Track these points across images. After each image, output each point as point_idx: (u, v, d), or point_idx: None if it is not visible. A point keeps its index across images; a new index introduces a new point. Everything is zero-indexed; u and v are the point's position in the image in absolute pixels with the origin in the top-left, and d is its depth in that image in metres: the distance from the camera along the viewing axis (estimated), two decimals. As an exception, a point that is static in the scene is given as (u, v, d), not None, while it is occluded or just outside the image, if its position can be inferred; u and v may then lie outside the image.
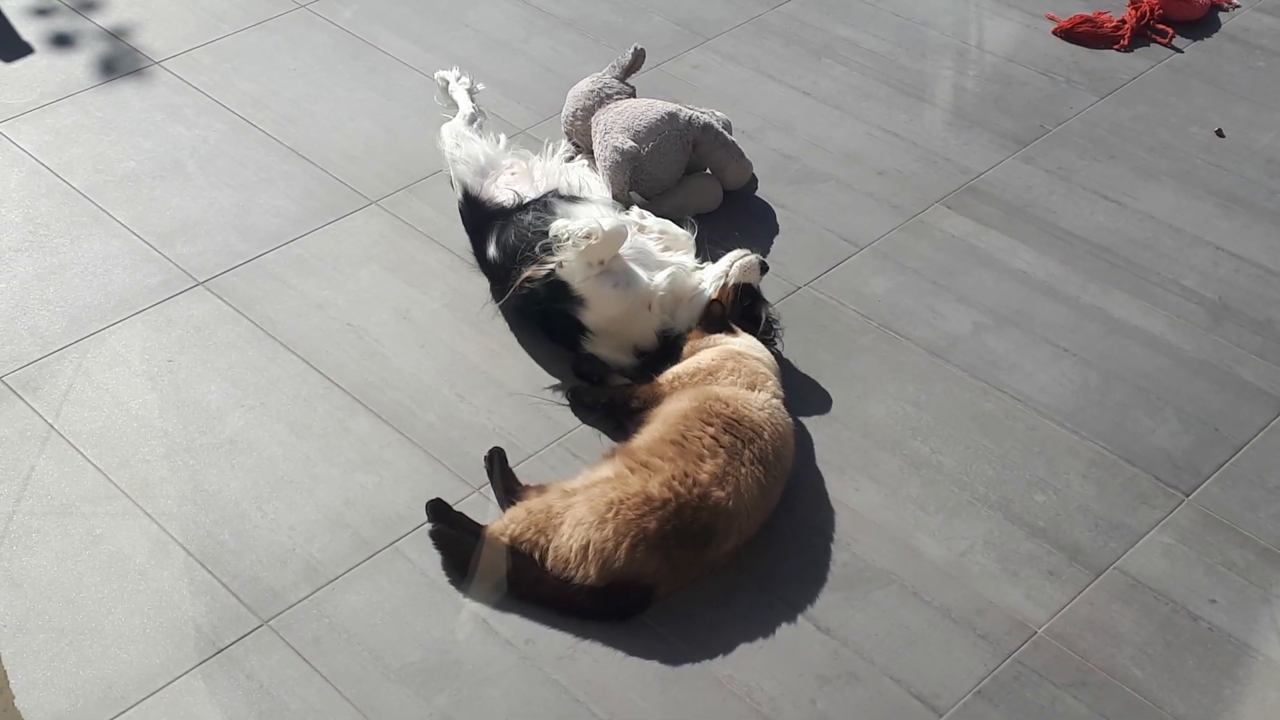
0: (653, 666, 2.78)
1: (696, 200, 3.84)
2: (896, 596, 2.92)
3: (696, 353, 3.22)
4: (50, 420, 3.23)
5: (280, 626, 2.82)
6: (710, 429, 2.94)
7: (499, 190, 3.59)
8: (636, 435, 3.04)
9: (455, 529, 2.94)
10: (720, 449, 2.91)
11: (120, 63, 4.41)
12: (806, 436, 3.23)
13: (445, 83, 4.02)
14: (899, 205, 3.93)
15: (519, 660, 2.78)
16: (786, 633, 2.84)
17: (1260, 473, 3.20)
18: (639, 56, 4.01)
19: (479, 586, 2.88)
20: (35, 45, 4.48)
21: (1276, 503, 3.14)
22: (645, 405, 3.12)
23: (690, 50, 4.53)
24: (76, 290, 3.58)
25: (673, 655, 2.79)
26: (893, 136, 4.19)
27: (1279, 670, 2.81)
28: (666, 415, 3.02)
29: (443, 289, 3.61)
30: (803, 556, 2.99)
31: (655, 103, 3.85)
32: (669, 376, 3.17)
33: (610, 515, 2.79)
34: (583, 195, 3.56)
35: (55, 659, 2.75)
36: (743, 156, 3.92)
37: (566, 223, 3.26)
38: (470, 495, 3.08)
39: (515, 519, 2.87)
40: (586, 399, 3.28)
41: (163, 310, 3.53)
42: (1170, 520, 3.09)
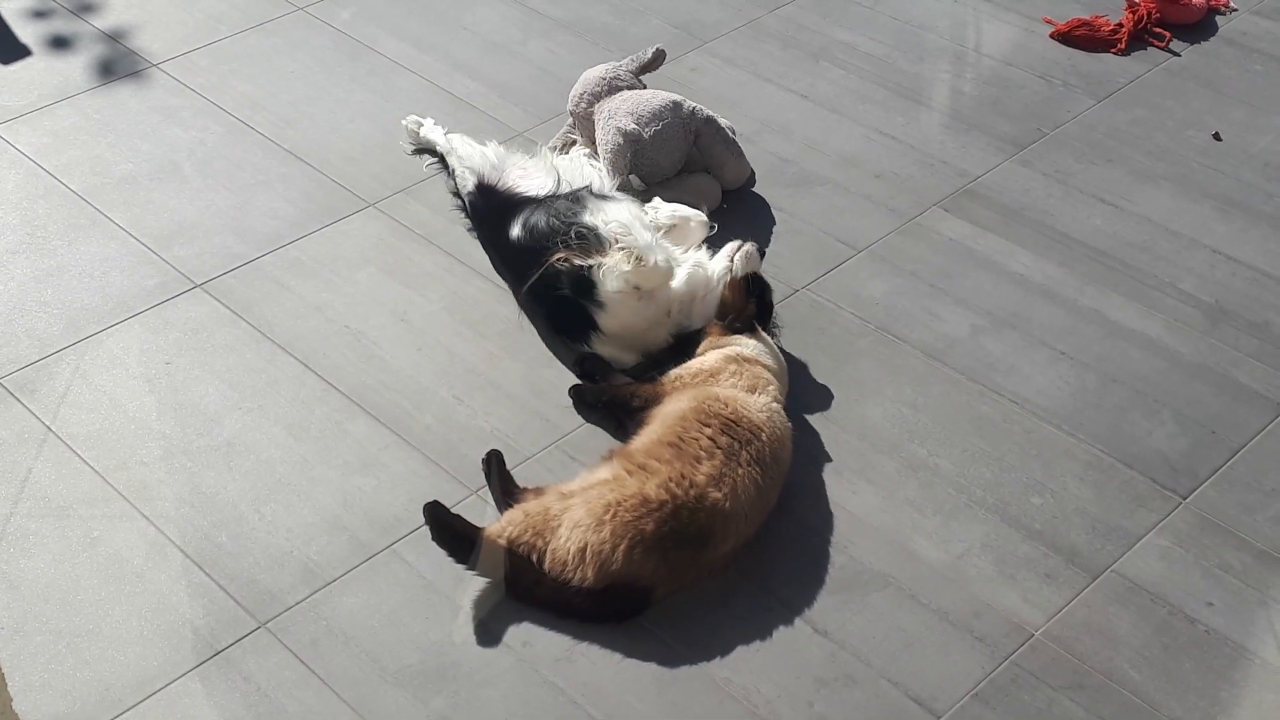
0: (650, 668, 2.78)
1: (693, 197, 3.85)
2: (894, 599, 2.92)
3: (707, 352, 3.21)
4: (48, 422, 3.23)
5: (278, 629, 2.82)
6: (708, 430, 2.94)
7: (520, 179, 3.59)
8: (634, 437, 3.04)
9: (453, 531, 2.94)
10: (718, 450, 2.91)
11: (118, 65, 4.41)
12: (804, 438, 3.23)
13: (418, 124, 4.03)
14: (896, 208, 3.94)
15: (516, 662, 2.78)
16: (784, 635, 2.84)
17: (1257, 475, 3.20)
18: (659, 57, 4.05)
19: (478, 588, 2.88)
20: (33, 47, 4.48)
21: (1273, 505, 3.14)
22: (646, 404, 3.12)
23: (688, 53, 4.53)
24: (74, 292, 3.58)
25: (670, 657, 2.80)
26: (890, 139, 4.20)
27: (1276, 673, 2.81)
28: (665, 416, 3.03)
29: (441, 291, 3.61)
30: (800, 559, 2.99)
31: (660, 92, 3.90)
32: (671, 376, 3.17)
33: (608, 517, 2.79)
34: (613, 196, 3.54)
35: (53, 661, 2.75)
36: (742, 155, 3.94)
37: (627, 230, 3.25)
38: (468, 498, 3.08)
39: (513, 521, 2.87)
40: (589, 397, 3.28)
41: (160, 312, 3.53)
42: (1167, 523, 3.09)
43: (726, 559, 2.91)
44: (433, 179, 3.97)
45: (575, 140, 3.99)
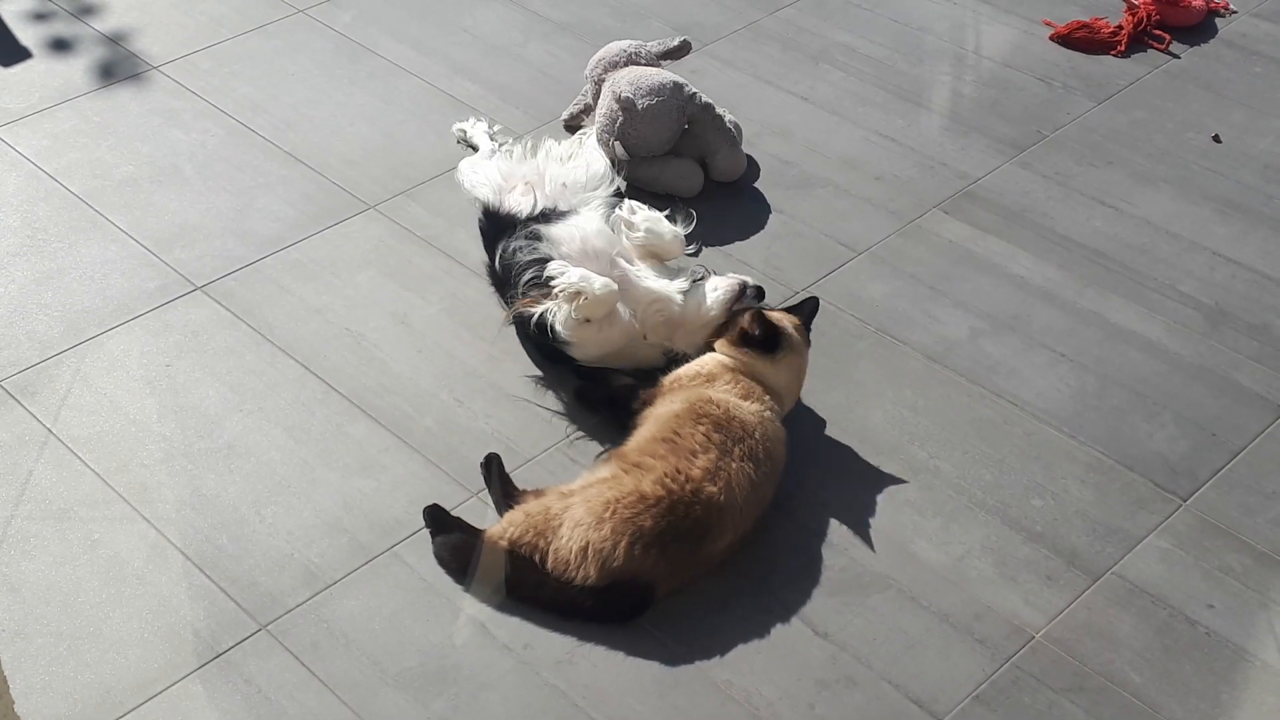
0: (651, 671, 2.78)
1: (674, 179, 3.89)
2: (894, 601, 2.92)
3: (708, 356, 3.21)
4: (48, 425, 3.23)
5: (278, 631, 2.82)
6: (701, 428, 2.95)
7: (514, 200, 3.59)
8: (629, 438, 3.05)
9: (454, 533, 2.94)
10: (711, 446, 2.92)
11: (118, 68, 4.41)
12: (805, 440, 3.23)
13: (463, 132, 4.08)
14: (896, 210, 3.94)
15: (517, 665, 2.78)
16: (785, 637, 2.84)
17: (1257, 478, 3.21)
18: (684, 47, 4.14)
19: (478, 590, 2.88)
20: (34, 50, 4.48)
21: (1274, 508, 3.14)
22: (645, 404, 3.13)
23: (689, 55, 4.53)
24: (74, 295, 3.58)
25: (671, 659, 2.80)
26: (890, 142, 4.20)
27: (1276, 675, 2.81)
28: (658, 417, 3.03)
29: (441, 294, 3.62)
30: (801, 561, 2.99)
31: (667, 72, 3.97)
32: (670, 377, 3.17)
33: (607, 515, 2.79)
34: (571, 210, 3.50)
35: (53, 663, 2.75)
36: (737, 146, 3.96)
37: (562, 271, 3.21)
38: (468, 500, 3.08)
39: (513, 522, 2.87)
40: (591, 396, 3.28)
41: (161, 315, 3.53)
42: (1168, 525, 3.09)
43: (724, 554, 2.91)
44: (433, 181, 3.97)
45: (588, 106, 4.06)
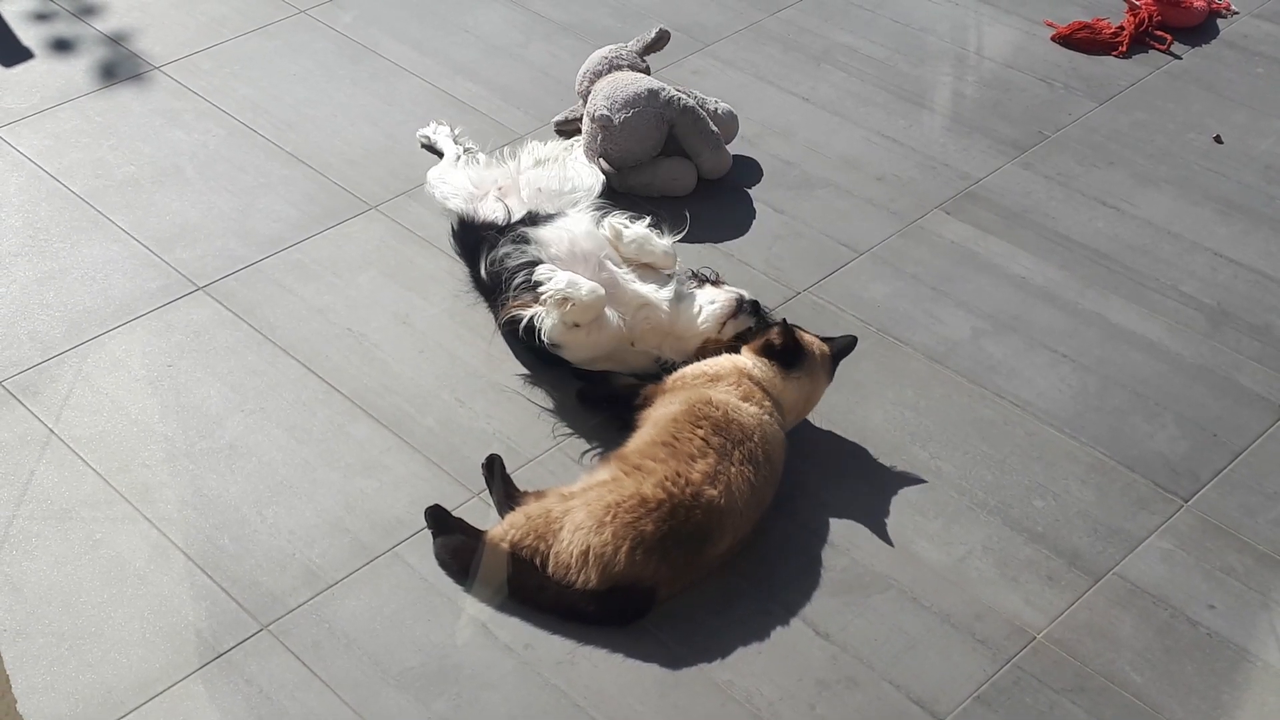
0: (652, 671, 2.78)
1: (666, 181, 3.88)
2: (895, 601, 2.92)
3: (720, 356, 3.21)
4: (50, 425, 3.23)
5: (280, 631, 2.82)
6: (699, 431, 2.95)
7: (488, 208, 3.58)
8: (628, 440, 3.05)
9: (455, 535, 2.94)
10: (710, 450, 2.92)
11: (120, 68, 4.41)
12: (806, 441, 3.23)
13: (426, 138, 4.07)
14: (898, 211, 3.94)
15: (518, 665, 2.78)
16: (786, 638, 2.85)
17: (1259, 478, 3.21)
18: (662, 37, 4.13)
19: (479, 592, 2.88)
20: (35, 50, 4.49)
21: (1275, 508, 3.14)
22: (647, 401, 3.12)
23: (689, 55, 4.54)
24: (76, 295, 3.58)
25: (672, 660, 2.80)
26: (891, 142, 4.20)
27: (1277, 676, 2.81)
28: (656, 419, 3.03)
29: (442, 294, 3.62)
30: (802, 561, 2.99)
31: (643, 78, 3.95)
32: (675, 375, 3.17)
33: (608, 519, 2.79)
34: (558, 212, 3.50)
35: (55, 663, 2.75)
36: (720, 146, 3.94)
37: (548, 277, 3.20)
38: (470, 500, 3.08)
39: (514, 524, 2.87)
40: (593, 395, 3.28)
41: (162, 315, 3.54)
42: (1169, 526, 3.09)
43: (725, 557, 2.91)
44: (434, 182, 3.97)
45: (580, 117, 4.05)
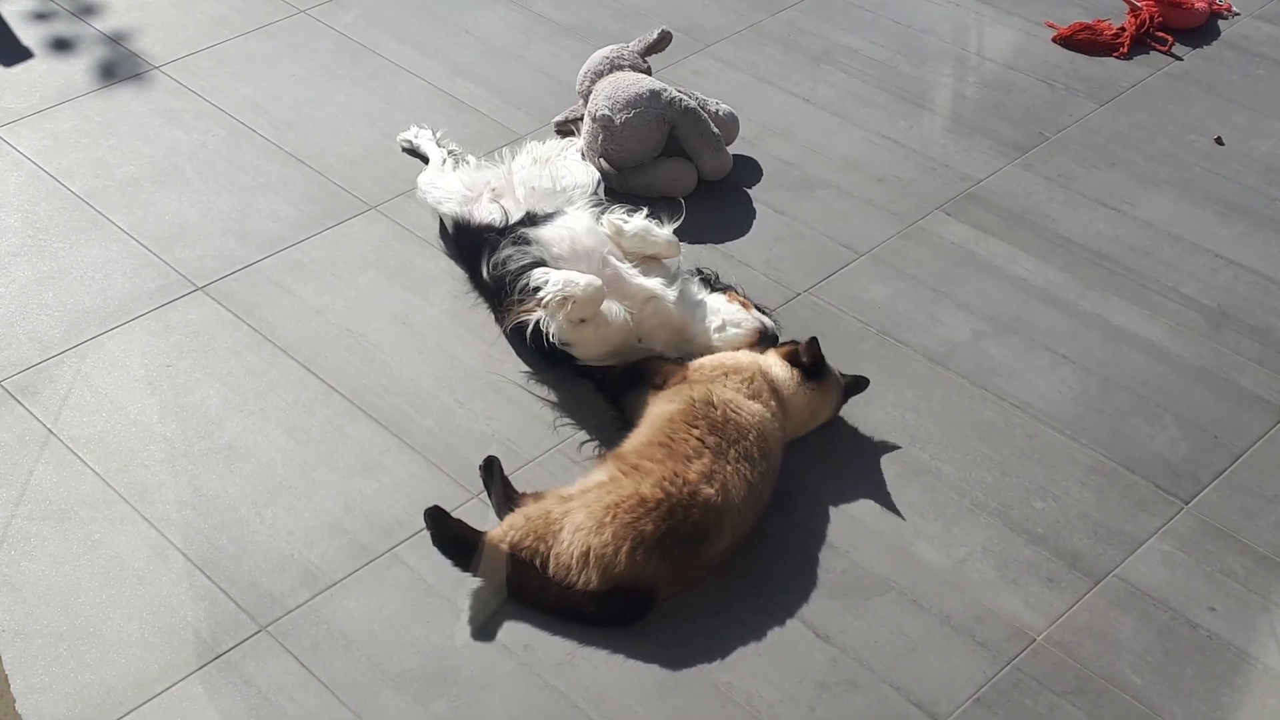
0: (652, 673, 2.78)
1: (666, 182, 3.88)
2: (895, 603, 2.92)
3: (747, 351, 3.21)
4: (49, 425, 3.23)
5: (279, 632, 2.82)
6: (695, 431, 2.95)
7: (484, 210, 3.58)
8: (625, 440, 3.05)
9: (454, 535, 2.94)
10: (705, 449, 2.92)
11: (120, 67, 4.41)
12: (806, 442, 3.23)
13: (408, 143, 4.06)
14: (898, 212, 3.94)
15: (518, 666, 2.77)
16: (785, 639, 2.84)
17: (1259, 480, 3.20)
18: (664, 38, 4.14)
19: (478, 592, 2.88)
20: (35, 50, 4.48)
21: (1275, 510, 3.14)
22: (666, 381, 3.12)
23: (690, 56, 4.53)
24: (75, 295, 3.58)
25: (672, 661, 2.79)
26: (892, 143, 4.20)
27: (1278, 678, 2.81)
28: (654, 418, 3.03)
29: (442, 295, 3.61)
30: (801, 563, 2.99)
31: (644, 78, 3.95)
32: (695, 364, 3.17)
33: (608, 520, 2.79)
34: (557, 211, 3.49)
35: (53, 664, 2.75)
36: (721, 147, 3.94)
37: (544, 281, 3.20)
38: (469, 501, 3.08)
39: (514, 526, 2.87)
40: (610, 377, 3.27)
41: (161, 315, 3.53)
42: (1169, 528, 3.09)
43: (724, 556, 2.91)
44: (434, 182, 3.97)
45: (581, 117, 4.04)
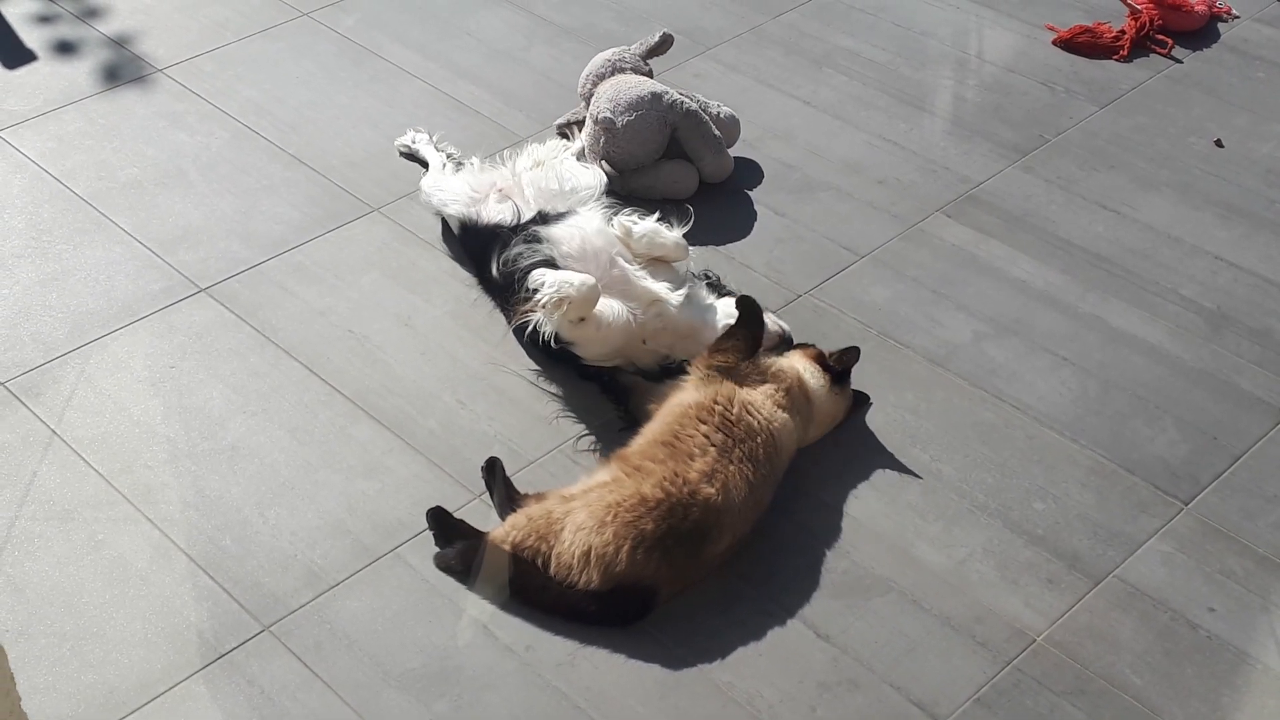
0: (653, 673, 2.78)
1: (668, 184, 3.89)
2: (896, 604, 2.92)
3: (795, 360, 3.22)
4: (53, 426, 3.24)
5: (281, 632, 2.83)
6: (703, 427, 2.96)
7: (493, 210, 3.59)
8: (632, 439, 3.06)
9: (456, 535, 2.95)
10: (711, 447, 2.93)
11: (123, 70, 4.42)
12: (807, 445, 3.23)
13: (406, 148, 4.07)
14: (899, 214, 3.95)
15: (519, 666, 2.78)
16: (786, 640, 2.85)
17: (1259, 481, 3.21)
18: (665, 41, 4.15)
19: (481, 592, 2.89)
20: (39, 52, 4.50)
21: (1275, 511, 3.15)
22: (727, 364, 3.11)
23: (691, 59, 4.54)
24: (79, 296, 3.59)
25: (673, 661, 2.80)
26: (893, 146, 4.21)
27: (1277, 679, 2.82)
28: (670, 408, 3.04)
29: (444, 296, 3.62)
30: (802, 564, 3.00)
31: (646, 81, 3.97)
32: (749, 362, 3.14)
33: (609, 519, 2.80)
34: (569, 210, 3.50)
35: (57, 664, 2.76)
36: (722, 150, 3.96)
37: (540, 282, 3.19)
38: (471, 501, 3.08)
39: (516, 526, 2.88)
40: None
41: (165, 317, 3.54)
42: (1169, 529, 3.10)
43: (724, 557, 2.92)
44: (437, 184, 3.98)
45: (582, 119, 4.05)
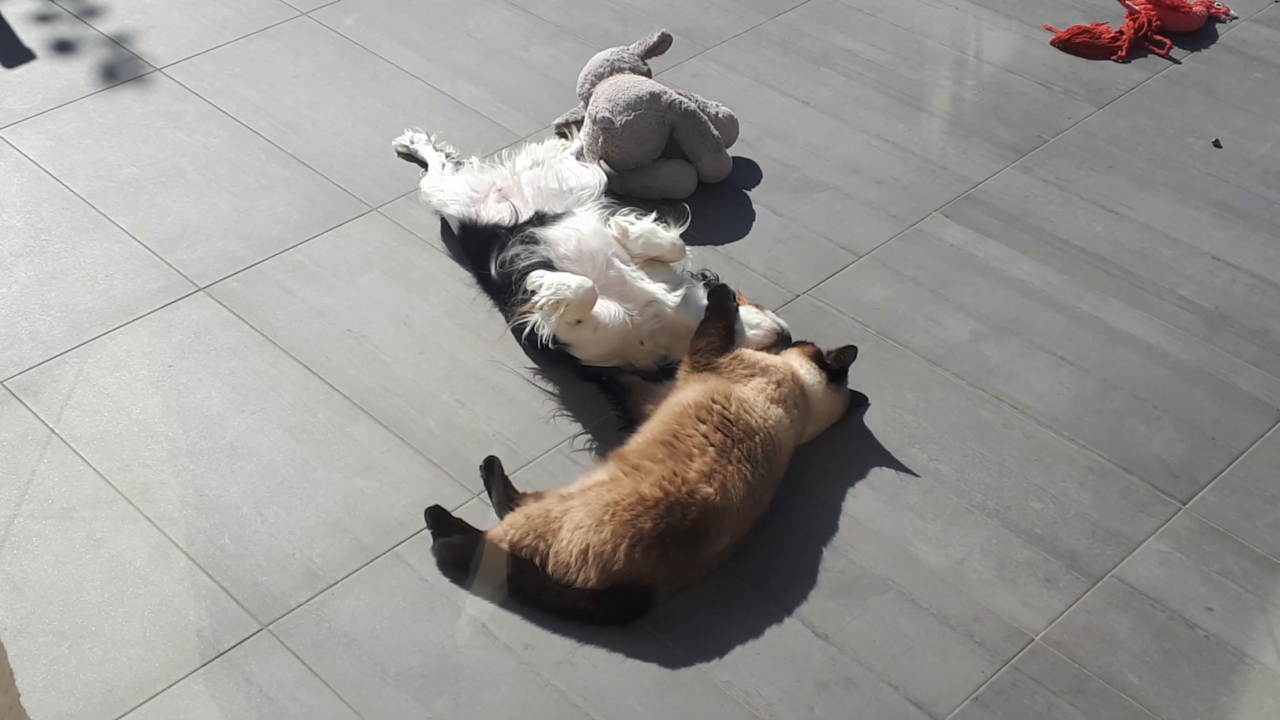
0: (652, 672, 2.79)
1: (666, 184, 3.90)
2: (894, 603, 2.93)
3: (789, 355, 3.23)
4: (51, 425, 3.24)
5: (280, 631, 2.83)
6: (703, 426, 2.96)
7: (492, 209, 3.59)
8: (630, 437, 3.06)
9: (454, 534, 2.95)
10: (710, 447, 2.93)
11: (122, 69, 4.42)
12: (805, 442, 3.24)
13: (404, 148, 4.08)
14: (897, 214, 3.95)
15: (518, 665, 2.78)
16: (785, 639, 2.85)
17: (1257, 481, 3.21)
18: (664, 41, 4.15)
19: (479, 592, 2.89)
20: (37, 51, 4.50)
21: (1273, 511, 3.15)
22: (708, 361, 3.13)
23: (690, 59, 4.55)
24: (78, 295, 3.59)
25: (671, 660, 2.80)
26: (891, 146, 4.21)
27: (1275, 678, 2.82)
28: (669, 407, 3.04)
29: (443, 295, 3.63)
30: (800, 563, 3.00)
31: (644, 81, 3.98)
32: (734, 354, 3.16)
33: (607, 518, 2.80)
34: (566, 211, 3.50)
35: (56, 662, 2.76)
36: (720, 150, 3.96)
37: (538, 284, 3.19)
38: (470, 501, 3.09)
39: (514, 525, 2.88)
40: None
41: (164, 316, 3.54)
42: (1167, 528, 3.10)
43: (722, 557, 2.92)
44: (435, 184, 3.98)
45: (581, 119, 4.06)
